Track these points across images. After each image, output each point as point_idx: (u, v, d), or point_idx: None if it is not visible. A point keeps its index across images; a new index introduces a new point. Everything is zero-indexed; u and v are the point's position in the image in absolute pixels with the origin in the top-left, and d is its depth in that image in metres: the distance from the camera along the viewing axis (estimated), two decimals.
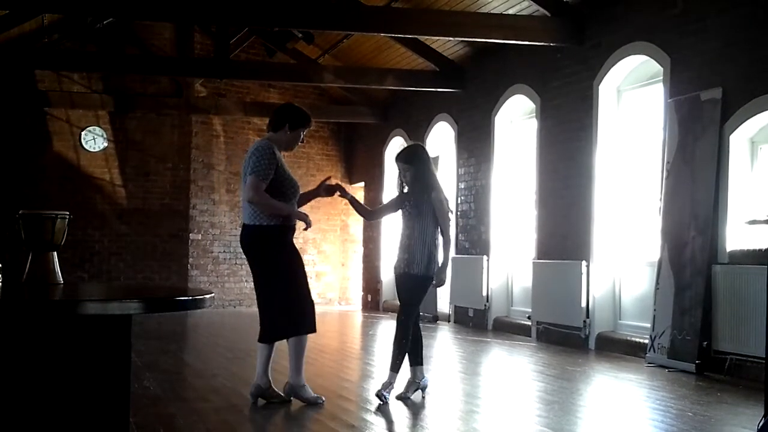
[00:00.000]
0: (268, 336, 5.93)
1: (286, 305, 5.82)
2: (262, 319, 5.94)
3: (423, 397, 6.24)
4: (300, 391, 5.90)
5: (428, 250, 6.17)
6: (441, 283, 6.32)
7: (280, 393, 5.93)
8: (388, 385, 6.11)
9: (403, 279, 6.26)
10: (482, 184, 12.27)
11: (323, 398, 5.96)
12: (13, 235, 4.86)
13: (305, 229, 5.91)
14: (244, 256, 6.07)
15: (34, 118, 14.91)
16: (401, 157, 6.26)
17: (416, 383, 6.26)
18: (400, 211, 6.33)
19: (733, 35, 7.74)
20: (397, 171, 6.34)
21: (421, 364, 6.30)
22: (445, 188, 6.43)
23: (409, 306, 6.24)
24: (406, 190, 6.30)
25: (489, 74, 12.07)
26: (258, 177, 5.65)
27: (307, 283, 5.99)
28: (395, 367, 6.16)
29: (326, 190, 6.18)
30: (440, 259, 6.27)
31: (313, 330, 5.94)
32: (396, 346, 6.20)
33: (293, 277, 5.84)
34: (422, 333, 6.41)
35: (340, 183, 6.37)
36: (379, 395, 6.04)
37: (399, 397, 6.16)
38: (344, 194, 6.28)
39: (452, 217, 6.51)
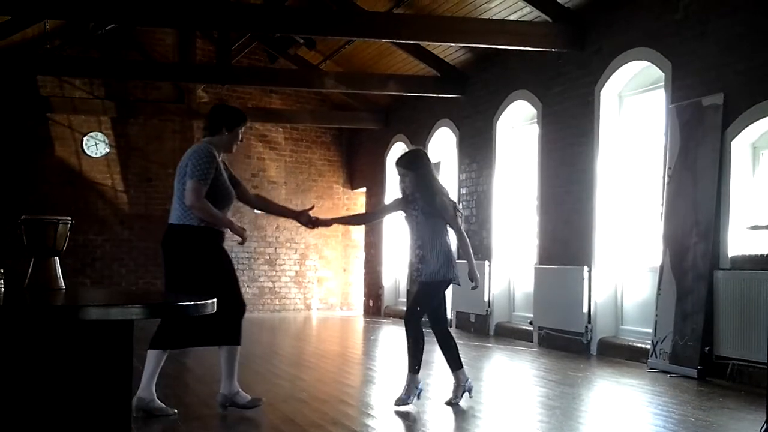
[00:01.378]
0: (162, 342, 5.72)
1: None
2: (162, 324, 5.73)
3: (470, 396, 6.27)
4: (235, 398, 5.77)
5: (443, 255, 6.14)
6: (477, 283, 6.29)
7: (164, 406, 5.72)
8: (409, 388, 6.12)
9: (418, 286, 6.28)
10: (484, 190, 12.28)
11: (262, 399, 5.88)
12: (14, 240, 4.86)
13: (240, 243, 5.79)
14: (245, 261, 6.04)
15: (36, 124, 14.93)
16: (401, 163, 6.23)
17: (462, 386, 6.25)
18: (403, 217, 6.29)
19: (734, 41, 7.75)
20: (398, 176, 6.31)
21: (461, 367, 6.27)
22: (449, 191, 6.40)
23: (414, 309, 6.20)
24: (401, 195, 6.28)
25: (490, 80, 12.08)
26: (199, 181, 5.51)
27: (235, 292, 5.78)
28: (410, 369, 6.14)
29: (307, 221, 6.09)
30: (455, 259, 6.27)
31: (239, 342, 5.75)
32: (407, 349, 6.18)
33: (217, 284, 5.55)
34: (440, 338, 6.30)
35: (318, 218, 6.24)
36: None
37: (448, 403, 6.18)
38: (325, 224, 6.28)
39: (461, 217, 6.41)
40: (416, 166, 6.17)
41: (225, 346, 5.72)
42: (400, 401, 6.08)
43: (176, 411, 5.73)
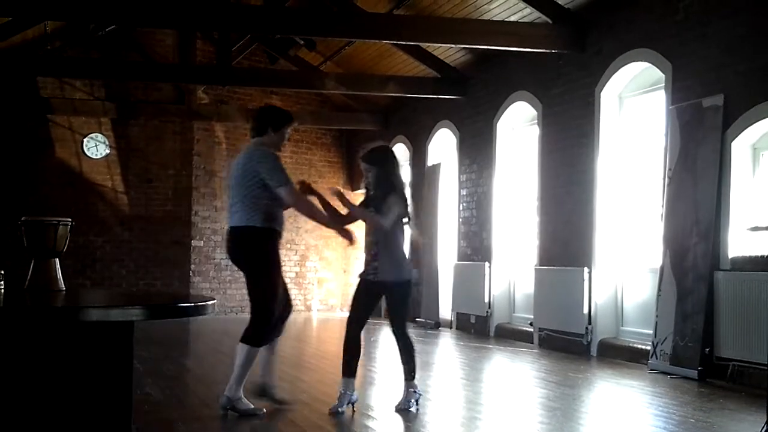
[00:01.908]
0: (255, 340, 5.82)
1: (263, 313, 5.76)
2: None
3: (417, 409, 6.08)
4: (237, 404, 5.75)
5: (398, 254, 6.01)
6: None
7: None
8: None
9: (371, 286, 6.08)
10: (484, 191, 12.28)
11: (263, 410, 5.81)
12: (15, 241, 4.86)
13: (351, 245, 5.94)
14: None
15: (36, 125, 14.93)
16: (365, 158, 6.07)
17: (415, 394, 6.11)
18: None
19: (734, 42, 7.75)
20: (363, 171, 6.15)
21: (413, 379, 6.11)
22: (408, 192, 6.18)
23: (404, 318, 6.20)
24: (366, 190, 6.15)
25: (491, 81, 12.09)
26: (289, 184, 5.72)
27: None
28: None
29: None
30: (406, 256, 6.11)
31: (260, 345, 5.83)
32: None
33: (276, 284, 5.77)
34: (413, 340, 6.27)
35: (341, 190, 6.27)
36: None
37: (398, 409, 6.04)
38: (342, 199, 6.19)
39: (410, 223, 6.13)
40: (380, 161, 6.04)
41: (247, 347, 5.77)
42: (401, 408, 6.02)
43: (264, 410, 5.76)
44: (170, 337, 11.07)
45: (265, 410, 5.84)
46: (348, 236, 5.91)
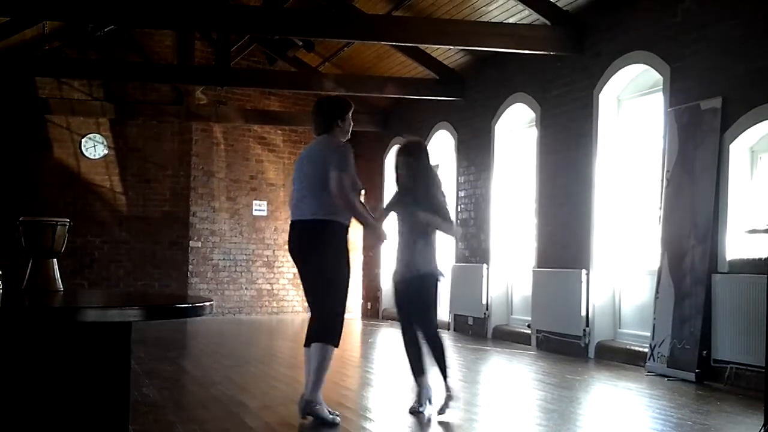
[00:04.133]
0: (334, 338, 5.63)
1: (339, 309, 5.59)
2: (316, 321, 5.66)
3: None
4: (316, 409, 5.57)
5: (432, 249, 6.00)
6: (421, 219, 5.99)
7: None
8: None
9: (403, 286, 6.04)
10: (482, 193, 12.28)
11: (339, 416, 5.65)
12: (13, 242, 4.86)
13: (377, 246, 5.79)
14: (242, 263, 5.95)
15: (34, 126, 14.91)
16: (403, 151, 6.07)
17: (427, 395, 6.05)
18: (397, 210, 6.10)
19: (733, 45, 7.75)
20: (395, 166, 6.13)
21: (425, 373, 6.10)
22: (444, 186, 6.19)
23: (433, 316, 6.06)
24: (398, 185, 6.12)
25: (489, 83, 12.09)
26: (346, 174, 5.52)
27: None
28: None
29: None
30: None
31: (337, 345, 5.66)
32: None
33: (347, 283, 5.63)
34: (416, 340, 6.17)
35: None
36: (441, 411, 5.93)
37: (412, 411, 5.99)
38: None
39: (450, 210, 6.14)
40: (418, 154, 6.04)
41: (319, 347, 5.58)
42: (414, 410, 5.95)
43: (339, 416, 5.61)
44: (168, 338, 11.07)
45: (339, 416, 5.64)
46: (380, 236, 5.80)
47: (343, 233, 5.63)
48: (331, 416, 5.56)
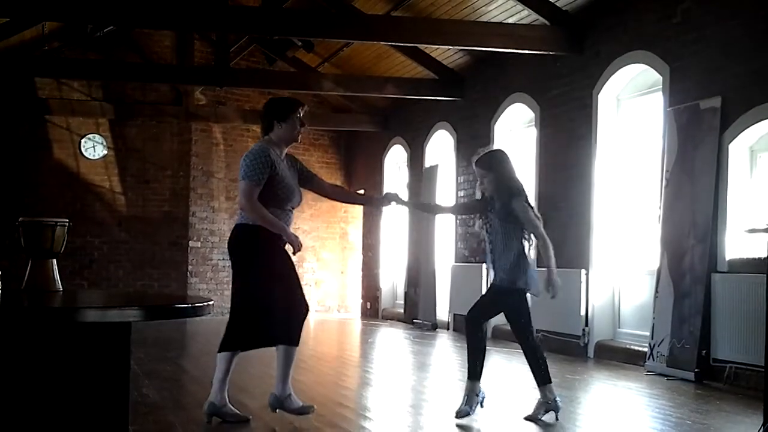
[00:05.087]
0: (227, 344, 5.63)
1: (263, 313, 5.50)
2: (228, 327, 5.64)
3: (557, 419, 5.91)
4: (285, 402, 5.65)
5: (514, 262, 5.92)
6: (554, 293, 5.98)
7: (236, 411, 5.66)
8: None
9: (491, 289, 6.05)
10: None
11: (314, 406, 5.72)
12: (12, 242, 4.86)
13: (293, 254, 5.55)
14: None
15: (33, 126, 14.92)
16: (480, 164, 5.90)
17: (547, 403, 5.95)
18: (480, 220, 6.04)
19: (732, 44, 7.76)
20: (477, 178, 6.00)
21: (549, 382, 6.00)
22: (528, 192, 6.10)
23: (472, 314, 6.04)
24: (479, 196, 6.05)
25: (488, 83, 12.09)
26: (250, 182, 5.37)
27: (295, 292, 5.58)
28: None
29: (394, 199, 5.92)
30: (533, 268, 6.00)
31: (295, 343, 5.62)
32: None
33: (275, 284, 5.47)
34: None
35: (397, 194, 6.03)
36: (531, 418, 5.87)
37: (529, 418, 5.91)
38: (406, 205, 6.30)
39: (540, 221, 6.05)
40: (495, 167, 5.87)
41: (281, 347, 5.59)
42: (462, 413, 5.85)
43: (250, 417, 5.64)
44: (167, 338, 11.06)
45: (315, 406, 5.72)
46: (293, 242, 5.56)
47: (266, 238, 5.44)
48: (302, 405, 5.61)
